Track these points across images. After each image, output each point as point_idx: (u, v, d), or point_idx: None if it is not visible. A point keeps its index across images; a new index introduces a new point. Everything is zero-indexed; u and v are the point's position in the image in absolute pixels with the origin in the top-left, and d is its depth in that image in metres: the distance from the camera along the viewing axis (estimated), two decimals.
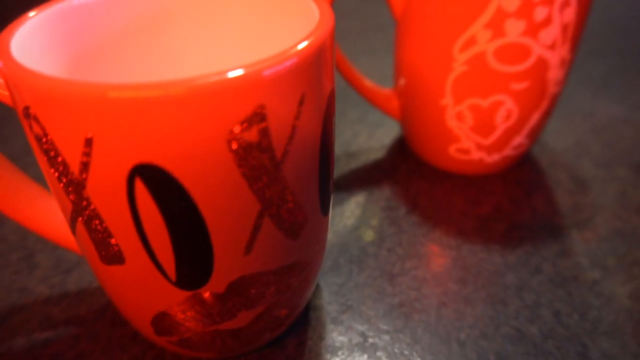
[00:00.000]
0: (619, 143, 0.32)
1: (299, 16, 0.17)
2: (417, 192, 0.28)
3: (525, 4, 0.22)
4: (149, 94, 0.12)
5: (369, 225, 0.26)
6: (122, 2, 0.18)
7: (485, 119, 0.26)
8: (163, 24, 0.19)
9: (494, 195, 0.28)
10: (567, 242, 0.25)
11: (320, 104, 0.15)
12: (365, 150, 0.32)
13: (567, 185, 0.29)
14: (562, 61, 0.25)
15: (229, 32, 0.19)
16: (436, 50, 0.25)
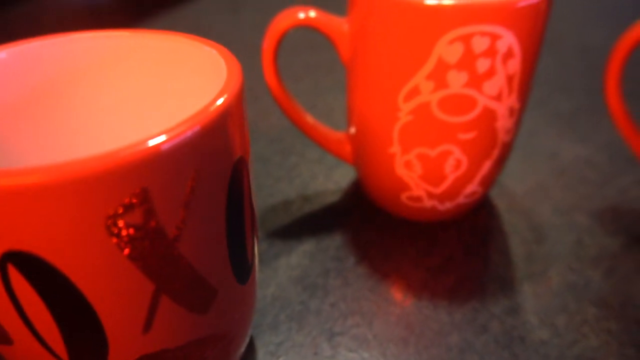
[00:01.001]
0: (580, 186, 0.31)
1: (206, 77, 0.17)
2: (368, 241, 0.28)
3: (466, 56, 0.22)
4: (12, 182, 0.11)
5: (315, 278, 0.25)
6: (16, 67, 0.18)
7: (434, 168, 0.25)
8: (63, 87, 0.18)
9: (446, 244, 0.27)
10: (517, 297, 0.24)
11: (223, 174, 0.14)
12: (321, 193, 0.31)
13: (523, 233, 0.28)
14: (511, 110, 0.24)
15: (135, 94, 0.18)
16: (381, 98, 0.24)
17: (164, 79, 0.18)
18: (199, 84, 0.17)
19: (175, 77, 0.17)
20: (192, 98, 0.17)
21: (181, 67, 0.17)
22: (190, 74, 0.17)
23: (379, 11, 0.22)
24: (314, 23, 0.25)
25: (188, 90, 0.17)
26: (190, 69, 0.17)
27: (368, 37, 0.24)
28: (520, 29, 0.22)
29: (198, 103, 0.17)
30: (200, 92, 0.17)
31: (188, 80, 0.17)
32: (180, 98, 0.18)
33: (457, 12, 0.21)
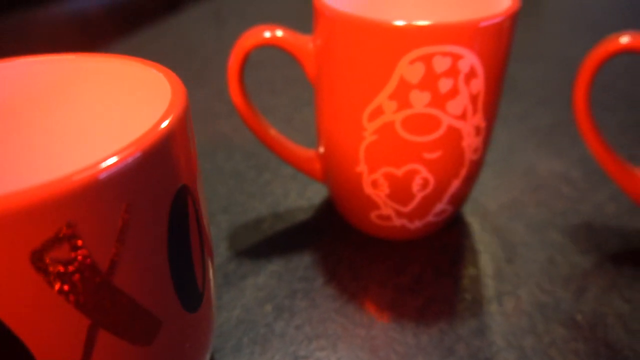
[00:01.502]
0: (555, 202, 0.31)
1: (152, 101, 0.16)
2: (338, 260, 0.27)
3: (428, 76, 0.22)
4: None
5: (282, 299, 0.25)
6: None
7: (402, 187, 0.25)
8: (10, 111, 0.18)
9: (417, 262, 0.27)
10: (485, 318, 0.24)
11: (161, 205, 0.14)
12: (293, 210, 0.31)
13: (495, 251, 0.28)
14: (477, 129, 0.24)
15: (82, 118, 0.18)
16: (346, 117, 0.24)
17: (111, 103, 0.17)
18: (145, 109, 0.17)
19: (122, 101, 0.17)
20: (138, 122, 0.17)
21: (128, 91, 0.17)
22: (137, 98, 0.17)
23: (341, 30, 0.22)
24: (279, 42, 0.25)
25: (134, 115, 0.17)
26: (137, 94, 0.17)
27: (332, 56, 0.23)
28: (482, 49, 0.21)
29: (142, 128, 0.17)
30: (146, 117, 0.17)
31: (134, 105, 0.17)
32: (126, 122, 0.17)
33: (417, 32, 0.21)
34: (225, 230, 0.29)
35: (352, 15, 0.22)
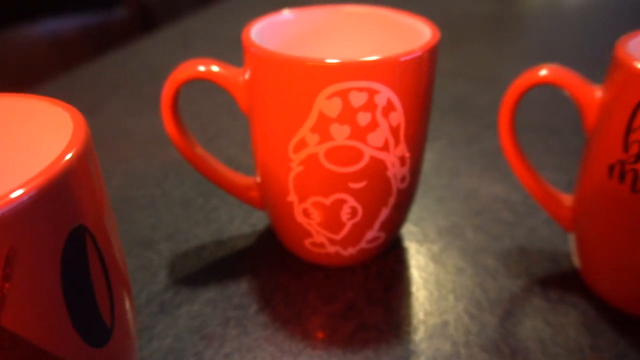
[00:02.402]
0: (493, 227, 0.32)
1: (54, 139, 0.17)
2: (274, 287, 0.28)
3: (346, 110, 0.22)
4: None
5: (214, 327, 0.25)
6: None
7: (331, 216, 0.26)
8: None
9: (351, 289, 0.27)
10: (411, 345, 0.24)
11: (51, 247, 0.14)
12: (236, 237, 0.31)
13: (428, 277, 0.28)
14: (402, 160, 0.25)
15: None
16: (275, 149, 0.25)
17: (14, 141, 0.18)
18: (48, 149, 0.17)
19: (27, 141, 0.18)
20: (38, 163, 0.17)
21: (34, 131, 0.18)
22: (42, 138, 0.17)
23: (264, 66, 0.23)
24: (210, 76, 0.26)
25: (36, 155, 0.18)
26: (43, 133, 0.17)
27: (258, 90, 0.24)
28: (398, 84, 0.22)
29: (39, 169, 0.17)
30: (47, 157, 0.17)
31: (38, 145, 0.17)
32: (28, 162, 0.18)
33: (332, 69, 0.21)
34: (166, 259, 0.30)
35: (272, 52, 0.23)
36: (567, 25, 0.73)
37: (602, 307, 0.26)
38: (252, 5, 0.84)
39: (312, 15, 0.28)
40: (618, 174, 0.22)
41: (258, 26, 0.26)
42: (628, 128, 0.22)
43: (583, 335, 0.25)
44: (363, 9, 0.28)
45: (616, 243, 0.24)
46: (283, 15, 0.28)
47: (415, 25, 0.26)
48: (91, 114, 0.47)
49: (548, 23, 0.74)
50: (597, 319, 0.25)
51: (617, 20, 0.74)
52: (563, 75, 0.25)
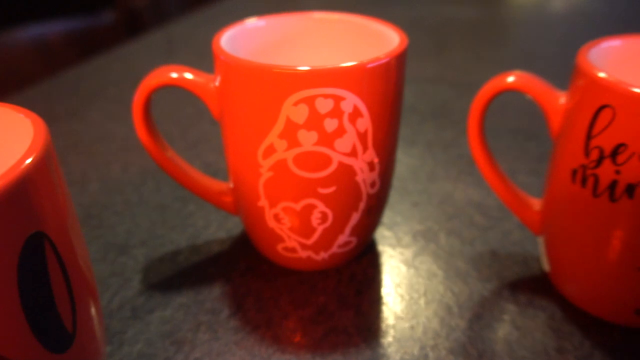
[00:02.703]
0: (467, 231, 0.32)
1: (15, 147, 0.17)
2: (247, 292, 0.28)
3: (312, 117, 0.23)
4: None
5: (185, 332, 0.25)
6: None
7: (301, 221, 0.26)
8: None
9: (323, 293, 0.28)
10: (380, 349, 0.25)
11: (7, 251, 0.14)
12: (211, 242, 0.31)
13: (400, 282, 0.28)
14: (371, 165, 0.25)
15: None
16: (245, 155, 0.25)
17: None
18: (7, 153, 0.17)
19: None
20: None
21: None
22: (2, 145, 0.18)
23: (233, 73, 0.23)
24: (182, 83, 0.26)
25: None
26: (0, 139, 0.18)
27: (228, 96, 0.24)
28: (364, 90, 0.23)
29: None
30: (6, 161, 0.17)
31: None
32: None
33: (298, 76, 0.22)
34: (140, 264, 0.30)
35: (240, 59, 0.23)
36: (551, 31, 0.74)
37: (569, 309, 0.27)
38: (237, 10, 0.84)
39: (284, 22, 0.29)
40: (580, 178, 0.23)
41: (230, 33, 0.26)
42: (588, 134, 0.22)
43: (549, 337, 0.25)
44: (335, 16, 0.29)
45: (581, 247, 0.24)
46: (255, 23, 0.28)
47: (386, 32, 0.27)
48: (72, 119, 0.47)
49: (532, 29, 0.75)
50: (563, 322, 0.26)
51: (601, 27, 0.75)
52: (529, 82, 0.25)
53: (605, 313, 0.25)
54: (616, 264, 0.23)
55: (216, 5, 0.86)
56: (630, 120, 0.20)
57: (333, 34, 0.29)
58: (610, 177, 0.22)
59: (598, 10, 0.84)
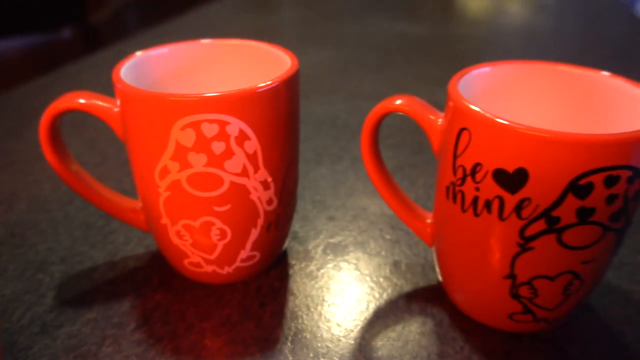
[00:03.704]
0: (374, 244, 0.34)
1: None
2: (155, 306, 0.29)
3: (200, 140, 0.24)
4: None
5: (90, 345, 0.27)
6: None
7: (202, 237, 0.27)
8: None
9: (228, 306, 0.29)
10: (274, 359, 0.26)
11: None
12: (129, 258, 0.33)
13: (305, 294, 0.30)
14: (265, 184, 0.27)
15: None
16: (145, 175, 0.26)
17: None
18: None
19: None
20: None
21: None
22: None
23: (128, 101, 0.25)
24: (86, 108, 0.27)
25: None
26: None
27: (126, 121, 0.26)
28: (248, 115, 0.24)
29: None
30: None
31: None
32: None
33: (184, 103, 0.23)
34: (56, 280, 0.31)
35: (134, 88, 0.24)
36: (498, 48, 0.77)
37: (457, 316, 0.28)
38: (197, 25, 0.86)
39: (188, 49, 0.30)
40: (452, 195, 0.25)
41: (133, 62, 0.28)
42: (455, 154, 0.24)
43: (433, 343, 0.27)
44: (237, 42, 0.30)
45: (460, 257, 0.26)
46: (158, 51, 0.30)
47: (282, 57, 0.29)
48: (11, 137, 0.48)
49: (480, 46, 0.77)
50: (449, 328, 0.28)
51: (549, 44, 0.78)
52: (412, 105, 0.27)
53: (486, 319, 0.27)
54: (487, 274, 0.25)
55: (176, 20, 0.88)
56: (482, 142, 0.22)
57: (237, 60, 0.31)
58: (473, 193, 0.23)
59: (549, 27, 0.87)
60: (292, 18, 0.93)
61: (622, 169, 0.21)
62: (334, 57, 0.70)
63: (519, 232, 0.23)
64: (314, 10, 0.96)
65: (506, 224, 0.23)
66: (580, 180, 0.21)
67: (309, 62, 0.67)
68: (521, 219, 0.22)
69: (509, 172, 0.22)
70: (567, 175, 0.21)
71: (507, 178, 0.22)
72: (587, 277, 0.24)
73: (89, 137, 0.48)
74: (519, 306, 0.25)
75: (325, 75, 0.63)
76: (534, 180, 0.21)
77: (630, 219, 0.23)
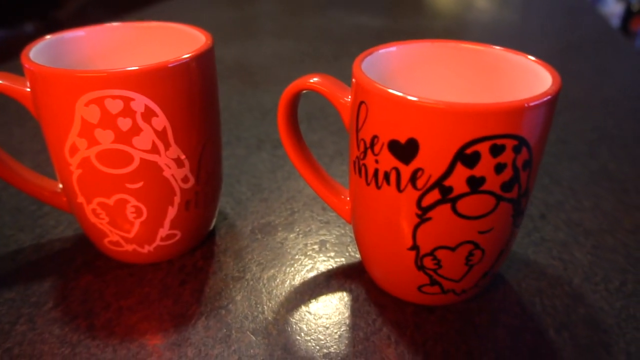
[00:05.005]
0: (303, 224, 0.34)
1: None
2: (75, 285, 0.29)
3: (105, 117, 0.24)
4: None
5: (4, 324, 0.27)
6: None
7: (117, 215, 0.27)
8: None
9: (148, 285, 0.29)
10: (185, 335, 0.26)
11: None
12: (55, 240, 0.33)
13: (223, 273, 0.30)
14: (178, 161, 0.27)
15: None
16: (57, 153, 0.27)
17: None
18: None
19: None
20: None
21: None
22: None
23: (33, 77, 0.25)
24: None
25: None
26: None
27: (36, 99, 0.26)
28: (154, 92, 0.25)
29: None
30: None
31: None
32: None
33: (86, 79, 0.24)
34: None
35: (37, 65, 0.24)
36: None
37: (374, 291, 0.29)
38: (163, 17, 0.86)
39: (105, 31, 0.31)
40: (358, 169, 0.25)
41: (45, 43, 0.28)
42: (357, 128, 0.25)
43: (347, 317, 0.27)
44: (156, 24, 0.31)
45: (371, 231, 0.27)
46: (75, 33, 0.30)
47: (200, 37, 0.29)
48: None
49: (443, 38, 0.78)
50: (365, 302, 0.28)
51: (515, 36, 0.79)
52: (324, 83, 0.27)
53: (398, 292, 0.28)
54: (393, 246, 0.26)
55: (143, 11, 0.87)
56: (377, 114, 0.23)
57: (153, 42, 0.31)
58: (373, 166, 0.24)
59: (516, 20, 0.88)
60: (254, 11, 0.93)
61: (506, 137, 0.21)
62: (291, 48, 0.70)
63: (416, 203, 0.23)
64: (277, 5, 0.97)
65: (404, 195, 0.23)
66: (467, 149, 0.22)
67: (264, 54, 0.68)
68: (417, 190, 0.23)
69: (402, 143, 0.22)
70: (454, 144, 0.21)
71: (400, 149, 0.23)
72: (488, 247, 0.25)
73: (32, 126, 0.47)
74: (426, 278, 0.26)
75: (280, 66, 0.63)
76: (425, 150, 0.22)
77: (526, 190, 0.24)
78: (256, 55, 0.67)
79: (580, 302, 0.28)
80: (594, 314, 0.28)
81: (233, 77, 0.60)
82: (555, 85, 0.23)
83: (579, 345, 0.26)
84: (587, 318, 0.27)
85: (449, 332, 0.26)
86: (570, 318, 0.27)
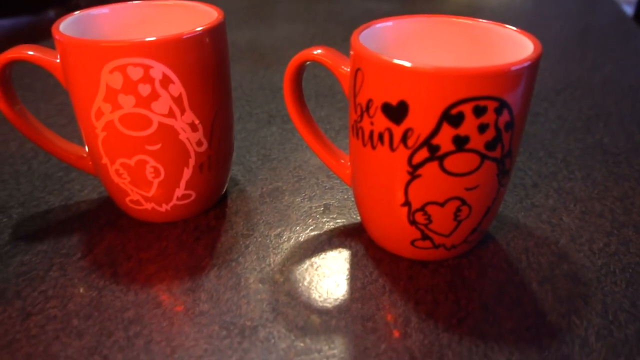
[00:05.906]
0: (308, 190, 0.37)
1: None
2: (100, 240, 0.32)
3: (127, 83, 0.27)
4: None
5: (38, 271, 0.30)
6: None
7: (138, 175, 0.30)
8: None
9: (166, 240, 0.32)
10: (199, 282, 0.29)
11: None
12: (81, 202, 0.36)
13: (236, 231, 0.33)
14: (192, 126, 0.30)
15: None
16: (84, 118, 0.29)
17: None
18: None
19: None
20: None
21: None
22: None
23: (64, 49, 0.28)
24: (31, 59, 0.30)
25: None
26: None
27: (65, 68, 0.29)
28: (171, 60, 0.27)
29: None
30: None
31: None
32: None
33: (110, 48, 0.26)
34: (14, 220, 0.34)
35: (67, 37, 0.27)
36: None
37: (372, 248, 0.31)
38: None
39: (130, 8, 0.33)
40: (355, 131, 0.28)
41: (74, 18, 0.31)
42: (354, 93, 0.27)
43: (345, 270, 0.30)
44: (173, 2, 0.33)
45: (368, 191, 0.29)
46: (100, 10, 0.33)
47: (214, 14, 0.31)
48: None
49: None
50: (363, 258, 0.31)
51: (523, 21, 0.80)
52: (327, 55, 0.30)
53: (393, 248, 0.30)
54: (388, 203, 0.28)
55: None
56: (372, 79, 0.25)
57: (172, 18, 0.33)
58: (369, 128, 0.26)
59: (527, 4, 0.89)
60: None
61: (488, 99, 0.24)
62: (302, 32, 0.72)
63: (407, 161, 0.26)
64: None
65: (396, 154, 0.26)
66: (452, 109, 0.24)
67: (276, 37, 0.70)
68: (407, 148, 0.25)
69: (394, 105, 0.25)
70: (440, 105, 0.24)
71: (392, 111, 0.25)
72: (474, 204, 0.27)
73: (57, 103, 0.51)
74: (418, 232, 0.28)
75: (291, 49, 0.66)
76: (414, 111, 0.24)
77: (509, 150, 0.26)
78: (268, 38, 0.69)
79: (564, 259, 0.31)
80: (576, 270, 0.30)
81: (246, 59, 0.62)
82: (536, 52, 0.25)
83: (559, 296, 0.28)
84: (569, 273, 0.30)
85: (439, 284, 0.29)
86: (553, 273, 0.30)
